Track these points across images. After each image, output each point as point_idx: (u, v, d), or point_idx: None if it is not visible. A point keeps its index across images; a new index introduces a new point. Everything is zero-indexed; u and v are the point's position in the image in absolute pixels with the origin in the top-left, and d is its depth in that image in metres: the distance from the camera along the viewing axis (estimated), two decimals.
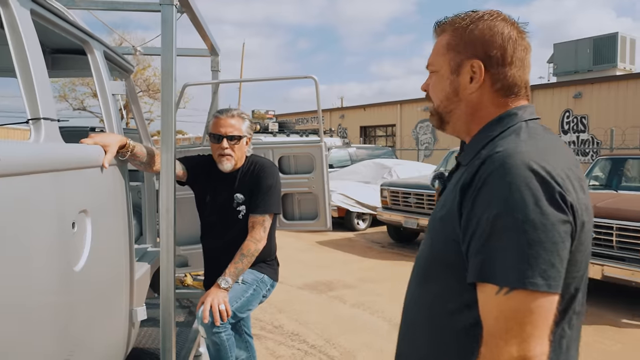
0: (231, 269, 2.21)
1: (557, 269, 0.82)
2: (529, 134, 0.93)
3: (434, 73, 1.07)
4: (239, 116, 2.40)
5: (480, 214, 0.85)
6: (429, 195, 7.12)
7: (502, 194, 0.83)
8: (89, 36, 1.85)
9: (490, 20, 0.99)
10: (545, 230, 0.81)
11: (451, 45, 1.02)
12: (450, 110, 1.04)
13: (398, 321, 4.09)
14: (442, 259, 0.97)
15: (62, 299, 1.34)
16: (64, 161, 1.37)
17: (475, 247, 0.85)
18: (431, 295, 1.00)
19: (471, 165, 0.93)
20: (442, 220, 0.97)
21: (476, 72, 0.99)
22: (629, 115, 13.15)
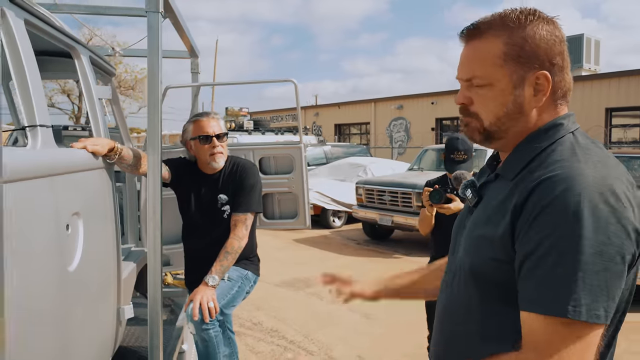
0: (217, 267, 2.28)
1: (615, 301, 0.80)
2: (583, 152, 0.87)
3: (483, 87, 0.94)
4: (216, 117, 2.53)
5: (541, 240, 0.80)
6: (403, 193, 7.28)
7: (566, 219, 0.78)
8: (75, 42, 1.89)
9: (542, 21, 0.92)
10: (613, 261, 0.78)
11: (511, 55, 0.91)
12: (507, 128, 0.94)
13: (373, 315, 4.23)
14: (485, 276, 0.92)
15: (58, 298, 1.39)
16: (59, 166, 1.42)
17: (531, 269, 0.81)
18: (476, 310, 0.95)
19: (522, 183, 0.88)
20: (487, 239, 0.91)
21: (542, 84, 0.91)
22: (594, 114, 13.64)
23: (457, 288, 1.00)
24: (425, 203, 2.67)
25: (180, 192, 2.56)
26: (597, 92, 13.96)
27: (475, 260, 0.94)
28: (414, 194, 7.11)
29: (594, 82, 14.16)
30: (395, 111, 20.27)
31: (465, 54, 0.97)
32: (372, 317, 4.53)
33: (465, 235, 1.00)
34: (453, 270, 1.03)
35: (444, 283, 1.08)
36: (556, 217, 0.79)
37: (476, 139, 1.00)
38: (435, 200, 2.60)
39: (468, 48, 0.97)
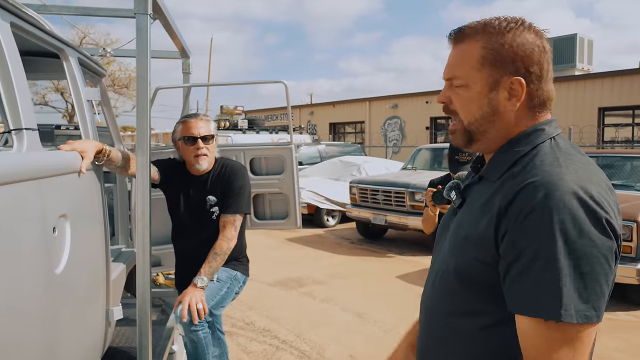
0: (206, 268, 2.29)
1: (605, 298, 0.83)
2: (564, 157, 0.90)
3: (462, 88, 0.98)
4: (205, 119, 2.52)
5: (527, 246, 0.83)
6: (396, 192, 7.31)
7: (551, 225, 0.81)
8: (64, 44, 1.89)
9: (526, 31, 0.95)
10: (597, 262, 0.81)
11: (488, 59, 0.95)
12: (484, 130, 0.98)
13: (366, 315, 4.25)
14: (471, 279, 0.94)
15: (44, 301, 1.40)
16: (45, 169, 1.43)
17: (520, 275, 0.83)
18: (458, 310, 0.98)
19: (503, 185, 0.91)
20: (471, 241, 0.93)
21: (516, 89, 0.94)
22: (587, 114, 13.73)
23: (440, 288, 1.02)
24: (428, 203, 2.70)
25: (169, 193, 2.56)
26: (590, 91, 14.04)
27: (460, 261, 0.96)
28: (407, 193, 7.14)
29: (587, 81, 14.24)
30: (389, 110, 20.30)
31: (450, 55, 1.01)
32: (364, 316, 4.55)
33: (449, 236, 1.03)
34: (436, 270, 1.06)
35: (427, 282, 1.11)
36: (539, 222, 0.82)
37: (461, 144, 1.03)
38: (438, 201, 2.64)
39: (453, 50, 1.01)
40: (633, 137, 13.70)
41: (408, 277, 5.89)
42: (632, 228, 4.52)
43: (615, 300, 4.89)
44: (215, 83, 2.67)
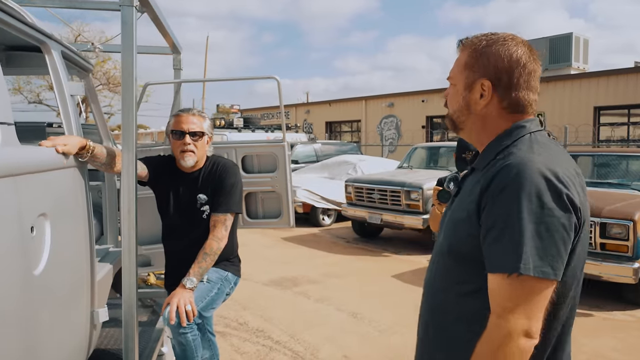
0: (195, 269, 2.22)
1: (562, 260, 1.00)
2: (538, 145, 1.08)
3: (452, 86, 1.21)
4: (200, 115, 2.45)
5: (500, 214, 1.00)
6: (392, 191, 7.26)
7: (519, 197, 0.98)
8: (46, 37, 1.82)
9: (503, 44, 1.13)
10: (554, 227, 0.98)
11: (468, 64, 1.16)
12: (462, 120, 1.19)
13: (361, 315, 4.20)
14: (459, 252, 1.12)
15: (21, 303, 1.34)
16: (22, 165, 1.36)
17: (493, 240, 1.01)
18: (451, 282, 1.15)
19: (487, 170, 1.09)
20: (460, 219, 1.11)
21: (485, 91, 1.14)
22: (582, 113, 13.71)
23: (436, 267, 1.22)
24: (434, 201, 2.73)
25: (159, 191, 2.49)
26: (586, 90, 14.02)
27: (452, 240, 1.14)
28: (403, 192, 7.09)
29: (582, 80, 14.22)
30: (386, 109, 20.25)
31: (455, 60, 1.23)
32: (359, 316, 4.50)
33: (446, 221, 1.21)
34: (434, 254, 1.25)
35: (428, 267, 1.29)
36: (510, 196, 1.00)
37: (449, 127, 1.25)
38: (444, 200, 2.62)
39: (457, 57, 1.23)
40: (628, 136, 13.70)
41: (404, 277, 5.85)
42: (628, 227, 4.48)
43: (612, 299, 4.85)
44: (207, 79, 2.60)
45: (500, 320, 0.99)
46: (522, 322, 0.98)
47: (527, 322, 0.98)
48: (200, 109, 2.51)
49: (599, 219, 4.60)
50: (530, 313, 0.98)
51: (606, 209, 4.64)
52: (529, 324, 0.98)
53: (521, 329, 0.98)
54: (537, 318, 0.99)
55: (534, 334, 0.99)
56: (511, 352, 0.98)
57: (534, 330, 0.99)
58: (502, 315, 0.99)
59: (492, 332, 1.00)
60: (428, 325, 1.25)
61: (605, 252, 4.63)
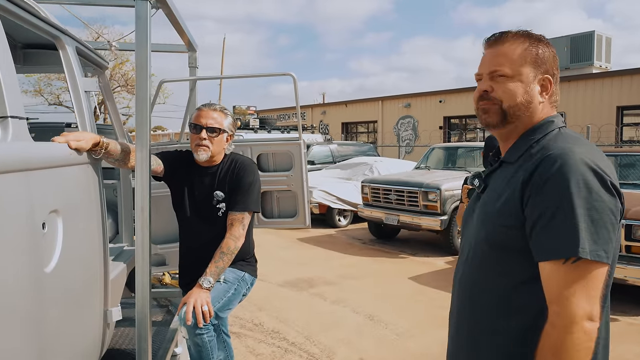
0: (212, 268, 2.18)
1: (612, 245, 1.03)
2: (572, 139, 1.13)
3: (505, 78, 1.19)
4: (222, 111, 2.40)
5: (548, 203, 1.02)
6: (409, 191, 7.17)
7: (567, 186, 1.01)
8: (60, 32, 1.80)
9: (546, 42, 1.21)
10: (604, 213, 1.01)
11: (529, 58, 1.18)
12: (519, 115, 1.19)
13: (378, 317, 4.11)
14: (501, 243, 1.12)
15: (33, 301, 1.31)
16: (34, 160, 1.33)
17: (543, 228, 1.03)
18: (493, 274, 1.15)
19: (524, 163, 1.12)
20: (497, 212, 1.13)
21: (547, 85, 1.19)
22: (605, 113, 13.42)
23: (473, 258, 1.21)
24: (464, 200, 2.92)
25: (174, 185, 2.45)
26: (608, 90, 13.72)
27: (489, 230, 1.15)
28: (420, 193, 6.99)
29: (605, 80, 13.92)
30: (402, 109, 20.11)
31: (492, 53, 1.21)
32: (375, 319, 4.42)
33: (478, 214, 1.22)
34: (467, 245, 1.24)
35: (460, 261, 1.29)
36: (558, 186, 1.02)
37: (493, 121, 1.21)
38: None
39: (493, 50, 1.21)
40: None
41: (421, 279, 5.75)
42: None
43: (637, 304, 4.70)
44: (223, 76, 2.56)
45: (561, 307, 1.00)
46: (584, 306, 0.99)
47: (588, 306, 0.99)
48: (223, 106, 2.46)
49: (625, 220, 4.46)
50: (590, 297, 0.99)
51: (632, 210, 4.49)
52: (591, 308, 0.99)
53: (584, 312, 0.98)
54: (596, 301, 1.00)
55: (596, 317, 1.00)
56: (578, 338, 0.98)
57: (595, 314, 1.00)
58: (562, 302, 1.00)
59: (556, 320, 1.00)
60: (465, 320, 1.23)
61: (631, 255, 4.49)
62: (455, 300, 1.29)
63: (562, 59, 15.37)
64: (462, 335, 1.25)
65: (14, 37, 2.31)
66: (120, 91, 23.65)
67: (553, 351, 1.00)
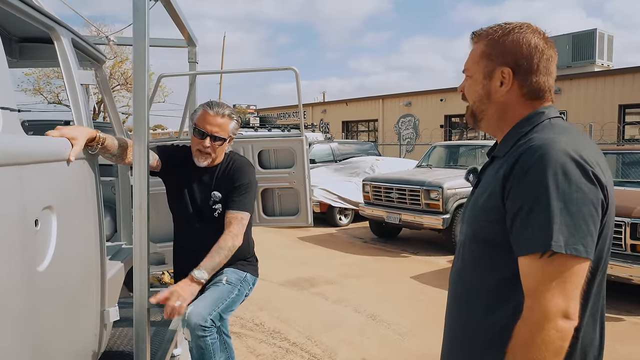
0: (207, 262, 2.08)
1: (592, 238, 0.97)
2: (559, 128, 1.09)
3: (469, 77, 1.21)
4: (229, 116, 2.30)
5: (527, 195, 0.99)
6: (411, 190, 7.11)
7: (545, 177, 0.97)
8: (55, 22, 1.75)
9: (519, 32, 1.14)
10: (584, 204, 0.96)
11: (485, 53, 1.17)
12: (482, 110, 1.19)
13: (380, 317, 4.05)
14: (484, 239, 1.11)
15: (25, 300, 1.25)
16: (25, 154, 1.28)
17: (522, 221, 0.99)
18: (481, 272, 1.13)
19: (509, 156, 1.08)
20: (483, 207, 1.11)
21: (505, 78, 1.14)
22: (607, 111, 13.35)
23: (464, 256, 1.20)
24: None
25: (171, 182, 2.38)
26: (610, 88, 13.65)
27: (475, 227, 1.13)
28: (422, 191, 6.94)
29: (607, 78, 13.84)
30: (403, 108, 20.04)
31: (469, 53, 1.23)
32: (378, 318, 4.37)
33: (469, 210, 1.19)
34: (459, 244, 1.24)
35: (454, 258, 1.28)
36: (535, 176, 0.98)
37: (470, 121, 1.25)
38: None
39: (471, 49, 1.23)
40: None
41: (423, 278, 5.70)
42: None
43: None
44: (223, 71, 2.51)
45: (534, 302, 0.96)
46: (558, 302, 0.94)
47: (563, 303, 0.94)
48: (231, 108, 2.36)
49: (630, 219, 4.40)
50: (566, 293, 0.95)
51: (637, 209, 4.43)
52: (566, 305, 0.95)
53: (557, 309, 0.94)
54: (574, 298, 0.95)
55: (572, 315, 0.95)
56: (549, 336, 0.94)
57: (571, 312, 0.95)
58: (536, 297, 0.96)
59: (528, 316, 0.97)
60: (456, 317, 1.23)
61: (636, 254, 4.42)
62: (448, 297, 1.28)
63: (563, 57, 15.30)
64: (454, 333, 1.23)
65: (9, 31, 2.26)
66: (120, 90, 23.56)
67: (522, 347, 0.96)
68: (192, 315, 2.04)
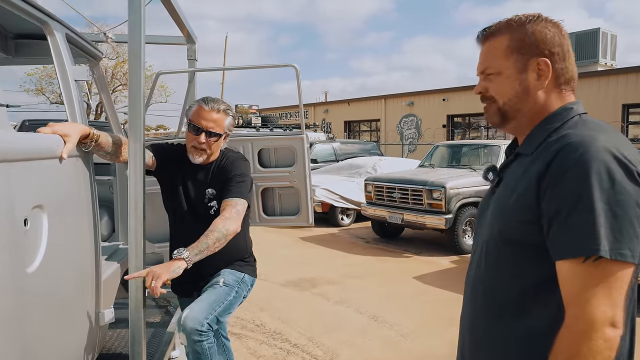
0: (195, 244, 1.91)
1: (638, 242, 0.91)
2: (595, 125, 1.03)
3: (494, 75, 1.13)
4: (224, 112, 2.24)
5: (567, 195, 0.93)
6: (414, 190, 7.06)
7: (587, 176, 0.91)
8: (48, 17, 1.70)
9: (539, 21, 1.10)
10: (629, 207, 0.91)
11: (512, 47, 1.10)
12: (518, 108, 1.11)
13: (382, 318, 3.96)
14: (517, 240, 1.03)
15: (12, 302, 1.21)
16: (14, 151, 1.23)
17: (562, 223, 0.93)
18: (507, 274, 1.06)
19: (540, 154, 1.02)
20: (512, 206, 1.04)
21: (543, 70, 1.08)
22: (610, 110, 13.28)
23: (487, 257, 1.12)
24: None
25: (165, 181, 2.31)
26: (614, 87, 13.58)
27: (502, 226, 1.06)
28: (424, 191, 6.88)
29: (610, 77, 13.77)
30: (405, 108, 19.98)
31: (481, 52, 1.17)
32: (380, 319, 4.32)
33: (492, 209, 1.13)
34: (481, 243, 1.15)
35: (472, 260, 1.20)
36: (577, 176, 0.92)
37: (495, 121, 1.16)
38: None
39: (483, 48, 1.16)
40: None
41: (425, 278, 5.65)
42: None
43: None
44: (222, 67, 2.49)
45: (579, 310, 0.91)
46: (605, 310, 0.89)
47: (610, 311, 0.89)
48: (226, 103, 2.30)
49: None
50: (612, 300, 0.90)
51: None
52: (613, 312, 0.90)
53: (604, 318, 0.89)
54: (620, 305, 0.91)
55: (618, 323, 0.90)
56: (597, 346, 0.89)
57: (617, 319, 0.90)
58: (581, 304, 0.91)
59: (573, 324, 0.91)
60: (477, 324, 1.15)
61: None
62: (466, 303, 1.20)
63: None
64: (475, 339, 1.16)
65: (4, 27, 2.22)
66: (123, 90, 23.56)
67: (567, 358, 0.91)
68: (188, 319, 1.97)
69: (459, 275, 5.75)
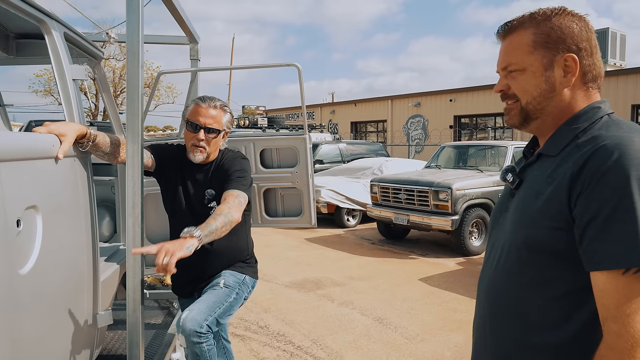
0: (202, 226, 1.82)
1: None
2: (627, 126, 0.98)
3: (517, 72, 1.07)
4: (221, 108, 2.22)
5: (605, 201, 0.87)
6: (420, 191, 7.00)
7: (628, 181, 0.86)
8: (45, 15, 1.68)
9: (565, 14, 1.04)
10: None
11: (538, 42, 1.04)
12: (543, 107, 1.05)
13: (387, 320, 3.91)
14: (543, 248, 0.97)
15: (3, 304, 1.18)
16: (7, 150, 1.21)
17: (598, 231, 0.87)
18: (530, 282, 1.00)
19: (569, 155, 0.97)
20: (542, 211, 0.97)
21: (570, 66, 1.02)
22: (620, 110, 13.14)
23: (506, 264, 1.05)
24: None
25: (165, 181, 2.29)
26: (623, 87, 13.45)
27: (528, 232, 0.99)
28: (431, 192, 6.83)
29: (619, 77, 13.64)
30: (412, 109, 19.91)
31: (502, 48, 1.10)
32: (385, 321, 4.28)
33: (512, 213, 1.06)
34: (500, 248, 1.08)
35: (488, 265, 1.13)
36: (617, 181, 0.86)
37: (516, 122, 1.09)
38: None
39: (504, 43, 1.09)
40: None
41: (431, 280, 5.59)
42: None
43: None
44: (225, 67, 2.47)
45: (620, 327, 0.85)
46: None
47: None
48: (223, 101, 2.27)
49: None
50: None
51: None
52: None
53: None
54: None
55: None
56: None
57: None
58: (623, 320, 0.85)
59: (614, 342, 0.86)
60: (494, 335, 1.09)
61: None
62: (481, 311, 1.14)
63: None
64: (491, 351, 1.10)
65: (5, 26, 2.21)
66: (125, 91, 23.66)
67: None
68: (187, 320, 1.95)
69: (466, 277, 5.70)
